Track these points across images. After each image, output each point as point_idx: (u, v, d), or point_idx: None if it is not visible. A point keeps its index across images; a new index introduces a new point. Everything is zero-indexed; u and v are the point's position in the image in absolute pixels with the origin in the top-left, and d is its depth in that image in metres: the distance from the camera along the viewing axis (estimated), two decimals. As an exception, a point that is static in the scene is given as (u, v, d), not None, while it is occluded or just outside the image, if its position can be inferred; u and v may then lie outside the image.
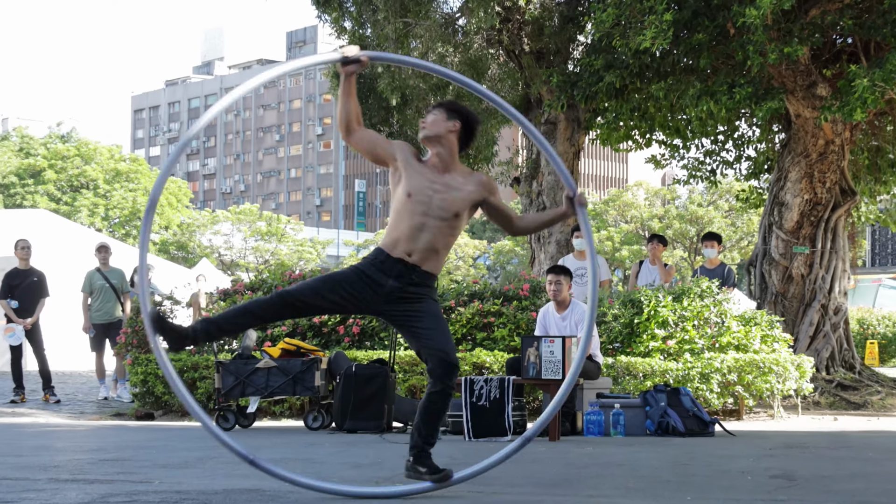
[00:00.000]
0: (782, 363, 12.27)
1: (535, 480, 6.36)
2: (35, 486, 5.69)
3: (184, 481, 6.00)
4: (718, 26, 14.53)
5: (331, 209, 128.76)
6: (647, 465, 7.36)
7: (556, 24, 17.69)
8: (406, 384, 11.83)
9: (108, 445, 9.10)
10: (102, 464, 7.04)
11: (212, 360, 11.98)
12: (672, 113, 17.95)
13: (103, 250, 16.01)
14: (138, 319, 13.68)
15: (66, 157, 61.76)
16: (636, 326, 12.36)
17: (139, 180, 62.52)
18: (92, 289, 15.68)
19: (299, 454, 7.97)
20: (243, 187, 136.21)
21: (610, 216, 62.41)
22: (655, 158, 20.57)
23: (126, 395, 15.17)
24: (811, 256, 16.13)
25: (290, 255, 65.10)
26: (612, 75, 15.35)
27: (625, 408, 10.29)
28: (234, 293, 13.89)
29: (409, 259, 5.80)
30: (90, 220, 58.53)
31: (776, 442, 9.59)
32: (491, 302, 12.73)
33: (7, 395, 15.49)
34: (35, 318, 15.13)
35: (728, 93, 14.37)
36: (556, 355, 9.59)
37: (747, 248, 53.26)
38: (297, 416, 12.43)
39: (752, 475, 6.59)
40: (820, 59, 15.95)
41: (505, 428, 9.65)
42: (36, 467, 6.73)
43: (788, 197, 16.20)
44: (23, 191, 60.49)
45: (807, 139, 15.97)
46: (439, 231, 5.84)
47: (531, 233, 5.84)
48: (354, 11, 17.73)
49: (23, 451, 8.07)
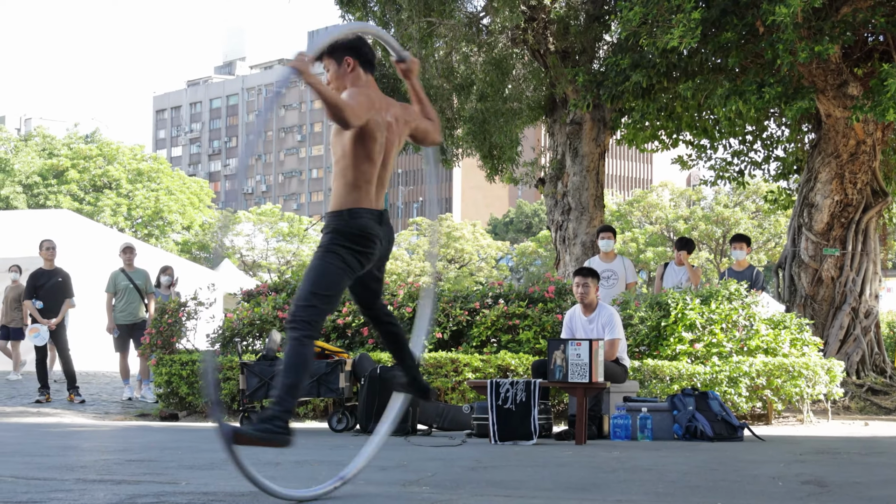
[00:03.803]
0: (812, 367, 12.21)
1: (564, 484, 6.35)
2: (63, 486, 5.72)
3: (210, 482, 6.01)
4: (747, 25, 14.46)
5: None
6: (675, 469, 7.34)
7: (582, 22, 17.67)
8: (431, 386, 11.81)
9: (134, 446, 9.13)
10: (129, 464, 7.06)
11: (236, 361, 12.01)
12: (700, 113, 17.88)
13: (128, 251, 16.07)
14: (163, 320, 13.74)
15: (89, 157, 62.05)
16: (663, 329, 12.33)
17: (161, 180, 62.75)
18: (116, 289, 15.75)
19: (324, 456, 7.98)
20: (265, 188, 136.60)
21: (634, 217, 62.23)
22: (682, 159, 20.50)
23: (150, 396, 15.23)
24: (841, 259, 16.05)
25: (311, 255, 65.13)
26: (639, 74, 15.31)
27: (652, 412, 10.26)
28: (257, 294, 13.93)
29: (379, 205, 5.92)
30: (113, 220, 58.78)
31: (806, 447, 9.54)
32: (516, 304, 12.72)
33: (32, 395, 15.57)
34: (60, 318, 15.21)
35: (757, 92, 14.30)
36: (583, 358, 9.57)
37: (774, 250, 53.05)
38: (321, 418, 12.46)
39: (783, 481, 6.56)
40: (851, 58, 15.87)
41: (531, 431, 9.64)
42: (63, 467, 6.76)
43: (818, 198, 16.12)
44: (46, 191, 60.78)
45: (837, 139, 15.89)
46: (389, 161, 5.90)
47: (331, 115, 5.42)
48: (378, 11, 17.74)
49: (49, 452, 8.11)
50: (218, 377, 12.30)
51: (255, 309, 13.34)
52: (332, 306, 5.74)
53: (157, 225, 61.70)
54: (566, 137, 18.35)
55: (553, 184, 18.71)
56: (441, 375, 11.89)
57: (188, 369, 12.83)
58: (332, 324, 12.83)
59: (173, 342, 13.64)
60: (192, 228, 63.58)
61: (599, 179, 18.46)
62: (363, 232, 5.71)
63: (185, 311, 13.77)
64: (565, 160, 18.45)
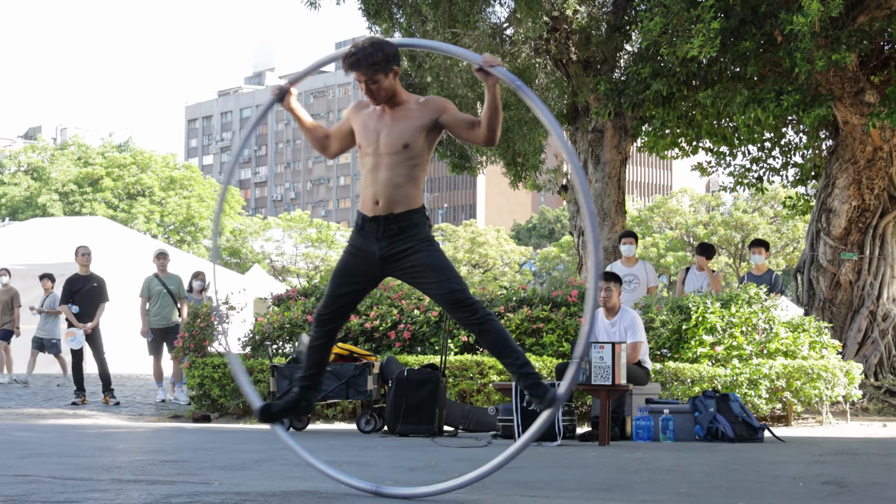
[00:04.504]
0: (831, 369, 12.14)
1: (588, 485, 6.32)
2: (99, 486, 5.73)
3: (242, 482, 6.01)
4: (766, 34, 14.41)
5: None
6: (697, 470, 7.30)
7: (604, 33, 17.63)
8: (456, 388, 11.82)
9: (167, 447, 9.15)
10: (163, 465, 7.07)
11: (267, 364, 12.02)
12: (719, 120, 17.82)
13: (162, 257, 16.14)
14: (195, 324, 13.77)
15: (123, 165, 62.34)
16: (684, 332, 12.28)
17: (193, 188, 63.00)
18: (150, 294, 15.82)
19: (353, 457, 7.97)
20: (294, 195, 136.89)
21: (655, 223, 62.08)
22: (702, 166, 20.44)
23: (183, 398, 15.28)
24: (859, 263, 15.96)
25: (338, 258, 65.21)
26: (660, 83, 15.26)
27: (674, 413, 10.22)
28: (287, 298, 13.95)
29: (380, 209, 5.71)
30: (146, 227, 59.02)
31: (826, 448, 9.48)
32: (539, 308, 12.70)
33: (69, 398, 15.64)
34: (95, 322, 15.28)
35: (775, 100, 14.24)
36: (606, 361, 9.54)
37: (793, 255, 52.79)
38: (349, 420, 12.46)
39: (804, 481, 6.51)
40: (868, 66, 15.79)
41: (555, 432, 9.61)
42: (99, 468, 6.78)
43: (836, 203, 16.04)
44: (81, 198, 61.11)
45: (854, 146, 15.81)
46: (393, 165, 5.70)
47: (493, 130, 5.45)
48: (404, 22, 17.74)
49: (86, 452, 8.13)
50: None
51: (285, 313, 13.36)
52: None
53: (189, 231, 61.91)
54: (588, 145, 18.32)
55: (575, 190, 18.68)
56: (467, 378, 11.87)
57: (220, 372, 12.86)
58: (360, 327, 12.82)
59: (205, 345, 13.68)
60: (223, 234, 63.76)
61: (621, 186, 18.42)
62: None
63: (217, 315, 13.80)
64: (587, 167, 18.42)
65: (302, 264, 65.12)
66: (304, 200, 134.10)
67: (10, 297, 19.34)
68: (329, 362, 11.05)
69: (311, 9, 18.20)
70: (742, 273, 45.31)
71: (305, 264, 65.15)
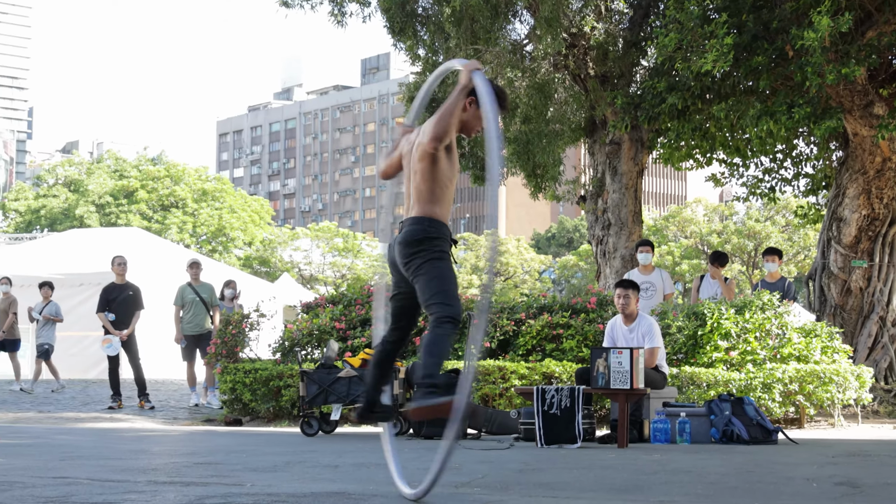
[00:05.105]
0: (842, 373, 12.08)
1: (608, 486, 6.31)
2: (136, 487, 5.74)
3: (274, 484, 6.02)
4: (777, 49, 14.37)
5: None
6: (713, 471, 7.27)
7: (620, 48, 17.62)
8: (479, 392, 11.80)
9: (201, 449, 9.17)
10: (197, 467, 7.09)
11: (296, 369, 12.03)
12: (732, 132, 17.78)
13: (195, 266, 16.18)
14: (227, 331, 13.80)
15: (157, 178, 62.62)
16: (700, 338, 12.24)
17: (224, 199, 63.23)
18: (184, 302, 15.86)
19: (381, 459, 7.97)
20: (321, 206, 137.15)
21: (670, 232, 61.91)
22: (715, 176, 20.39)
23: (216, 402, 15.30)
24: (869, 270, 15.89)
25: (365, 269, 65.32)
26: (675, 97, 15.23)
27: (690, 416, 10.18)
28: (315, 306, 13.97)
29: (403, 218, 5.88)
30: (180, 237, 59.23)
31: (838, 450, 9.43)
32: (560, 314, 12.68)
33: (106, 402, 15.70)
34: (130, 329, 15.32)
35: (787, 113, 14.20)
36: (624, 366, 9.51)
37: (804, 262, 52.56)
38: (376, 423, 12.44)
39: (817, 482, 6.48)
40: (876, 80, 15.73)
41: (575, 435, 9.58)
42: (135, 470, 6.80)
43: (846, 213, 15.98)
44: (117, 210, 61.39)
45: (864, 157, 15.75)
46: (416, 176, 5.83)
47: (434, 123, 5.62)
48: (428, 39, 17.77)
49: (122, 455, 8.16)
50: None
51: (313, 320, 13.38)
52: None
53: (221, 241, 62.11)
54: (606, 157, 18.29)
55: (593, 201, 18.66)
56: (489, 382, 11.86)
57: (251, 377, 12.88)
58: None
59: (237, 351, 13.70)
60: (253, 244, 63.91)
61: (637, 196, 18.38)
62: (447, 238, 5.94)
63: (248, 322, 13.83)
64: (605, 178, 18.40)
65: (329, 273, 65.19)
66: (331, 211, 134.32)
67: (7, 304, 19.22)
68: (357, 368, 11.09)
69: (338, 26, 18.25)
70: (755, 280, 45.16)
71: (333, 273, 65.21)
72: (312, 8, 18.35)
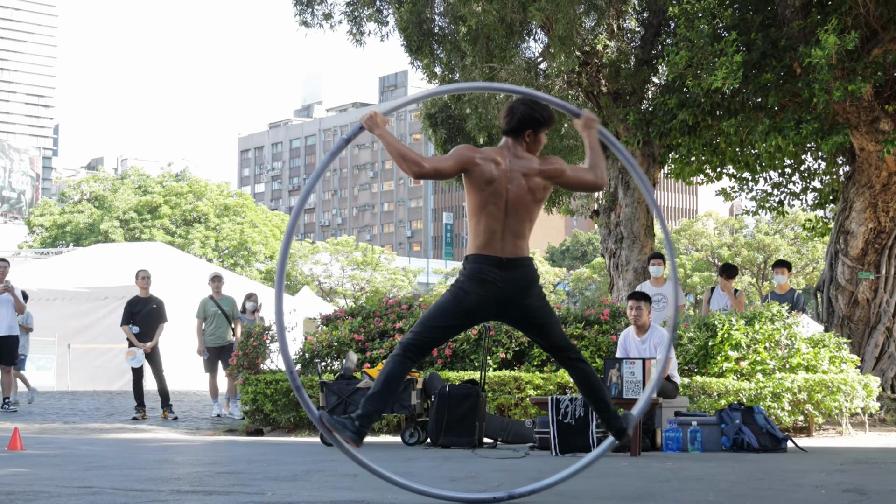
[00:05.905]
0: (850, 383, 12.05)
1: (621, 494, 6.30)
2: (159, 496, 5.75)
3: (294, 493, 6.02)
4: (785, 66, 14.38)
5: (421, 240, 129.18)
6: (724, 479, 7.25)
7: (632, 66, 17.64)
8: (495, 402, 11.80)
9: (223, 459, 9.18)
10: (219, 476, 7.10)
11: (316, 380, 12.05)
12: (742, 148, 17.77)
13: (216, 280, 16.22)
14: (248, 343, 13.82)
15: (180, 193, 62.79)
16: (710, 348, 12.22)
17: (245, 214, 63.38)
18: (206, 315, 15.89)
19: (398, 468, 7.97)
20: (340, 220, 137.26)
21: (681, 245, 61.81)
22: (725, 191, 20.37)
23: (237, 413, 15.32)
24: (876, 282, 15.86)
25: (383, 282, 65.38)
26: (685, 113, 15.25)
27: (701, 425, 10.16)
28: (335, 318, 13.99)
29: (501, 250, 5.76)
30: (202, 251, 59.36)
31: (846, 458, 9.39)
32: (574, 326, 12.68)
33: (130, 413, 15.73)
34: (154, 342, 15.35)
35: (795, 128, 14.20)
36: (637, 376, 9.51)
37: (812, 274, 52.40)
38: (394, 433, 12.45)
39: (826, 489, 6.46)
40: (882, 96, 15.71)
41: (589, 444, 9.57)
42: (159, 479, 6.81)
43: (853, 226, 15.95)
44: (141, 225, 61.57)
45: (870, 171, 15.72)
46: (525, 213, 5.80)
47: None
48: (444, 58, 17.82)
49: (146, 465, 8.17)
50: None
51: (333, 332, 13.39)
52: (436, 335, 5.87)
53: (242, 255, 62.23)
54: (619, 172, 18.30)
55: (607, 214, 18.65)
56: (505, 392, 11.85)
57: (272, 388, 12.90)
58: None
59: (258, 363, 13.72)
60: (274, 258, 64.02)
61: (649, 210, 18.37)
62: (474, 276, 5.71)
63: (269, 334, 13.85)
64: (618, 193, 18.39)
65: (348, 286, 65.25)
66: (350, 226, 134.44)
67: None
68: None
69: (357, 45, 18.32)
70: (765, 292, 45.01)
71: (352, 286, 65.28)
72: (332, 27, 18.43)
